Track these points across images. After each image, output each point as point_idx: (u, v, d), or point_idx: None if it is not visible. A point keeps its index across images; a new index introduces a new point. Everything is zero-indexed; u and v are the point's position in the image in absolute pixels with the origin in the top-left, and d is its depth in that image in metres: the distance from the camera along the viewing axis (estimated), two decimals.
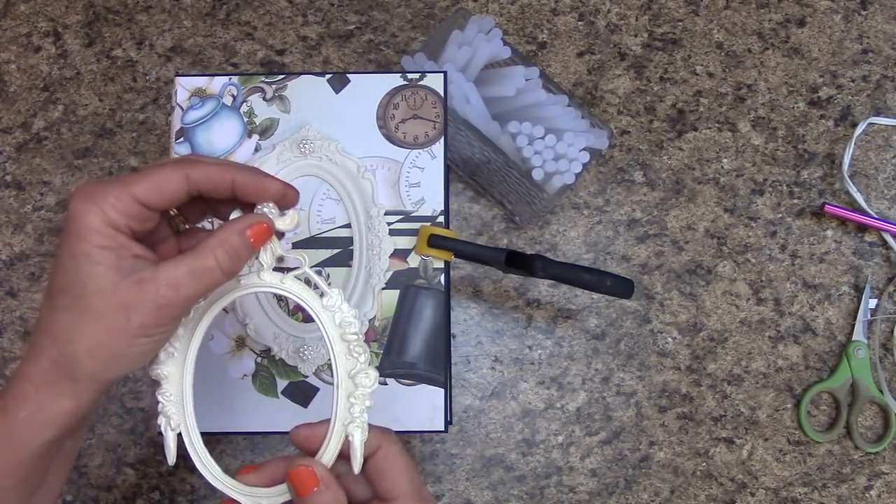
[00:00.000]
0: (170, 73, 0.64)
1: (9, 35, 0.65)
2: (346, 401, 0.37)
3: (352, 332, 0.38)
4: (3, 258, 0.61)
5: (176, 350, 0.38)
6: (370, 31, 0.65)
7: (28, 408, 0.34)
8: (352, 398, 0.37)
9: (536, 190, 0.56)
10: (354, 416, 0.37)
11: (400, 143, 0.51)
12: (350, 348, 0.38)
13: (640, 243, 0.62)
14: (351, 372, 0.37)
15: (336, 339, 0.38)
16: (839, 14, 0.66)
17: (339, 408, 0.37)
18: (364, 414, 0.37)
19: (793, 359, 0.61)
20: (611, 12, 0.66)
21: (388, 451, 0.37)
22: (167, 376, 0.38)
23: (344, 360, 0.38)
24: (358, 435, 0.37)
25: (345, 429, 0.37)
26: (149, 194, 0.34)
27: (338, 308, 0.38)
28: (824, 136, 0.64)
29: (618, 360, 0.61)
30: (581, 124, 0.57)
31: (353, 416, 0.37)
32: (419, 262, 0.50)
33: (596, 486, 0.59)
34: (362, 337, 0.38)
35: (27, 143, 0.63)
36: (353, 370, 0.37)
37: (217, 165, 0.36)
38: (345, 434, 0.37)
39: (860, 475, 0.60)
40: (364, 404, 0.37)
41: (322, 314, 0.38)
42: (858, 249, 0.62)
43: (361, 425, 0.37)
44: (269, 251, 0.38)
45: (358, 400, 0.37)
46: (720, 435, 0.60)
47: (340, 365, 0.38)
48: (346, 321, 0.38)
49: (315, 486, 0.35)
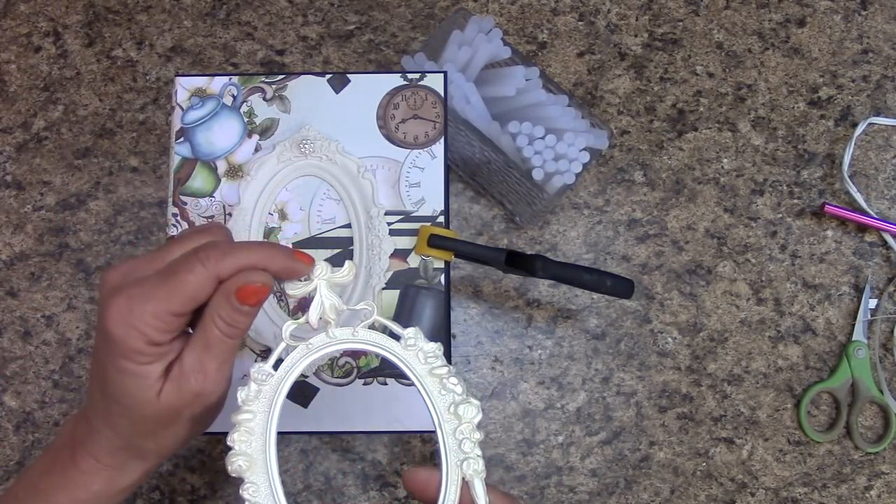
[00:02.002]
0: (170, 73, 0.64)
1: (9, 35, 0.65)
2: (453, 437, 0.35)
3: (440, 365, 0.36)
4: (3, 258, 0.61)
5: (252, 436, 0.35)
6: (370, 31, 0.65)
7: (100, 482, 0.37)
8: (458, 433, 0.35)
9: (536, 190, 0.56)
10: (467, 453, 0.35)
11: (400, 143, 0.51)
12: (443, 382, 0.36)
13: (640, 243, 0.62)
14: (450, 406, 0.35)
15: (425, 377, 0.36)
16: (839, 14, 0.66)
17: (449, 447, 0.35)
18: (477, 449, 0.35)
19: (793, 359, 0.61)
20: (611, 12, 0.66)
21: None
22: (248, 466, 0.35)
23: (438, 396, 0.36)
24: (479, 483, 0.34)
25: (459, 468, 0.35)
26: (185, 306, 0.34)
27: (416, 346, 0.36)
28: (824, 136, 0.64)
29: (618, 360, 0.61)
30: (581, 124, 0.57)
31: (465, 453, 0.35)
32: (419, 262, 0.50)
33: (596, 486, 0.59)
34: (453, 369, 0.36)
35: (27, 143, 0.63)
36: (453, 403, 0.35)
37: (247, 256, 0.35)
38: (460, 475, 0.35)
39: (860, 475, 0.60)
40: (473, 438, 0.35)
41: (405, 355, 0.36)
42: (858, 249, 0.62)
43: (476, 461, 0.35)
44: (331, 308, 0.37)
45: (466, 433, 0.35)
46: (720, 435, 0.60)
47: (437, 402, 0.36)
48: (431, 355, 0.36)
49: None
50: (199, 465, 0.59)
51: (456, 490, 0.34)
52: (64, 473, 0.37)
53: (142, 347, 0.34)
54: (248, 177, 0.50)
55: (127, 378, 0.35)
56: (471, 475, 0.35)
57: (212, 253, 0.35)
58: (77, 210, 0.62)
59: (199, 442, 0.59)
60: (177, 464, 0.59)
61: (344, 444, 0.59)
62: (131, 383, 0.35)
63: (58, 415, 0.59)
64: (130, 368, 0.34)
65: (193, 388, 0.35)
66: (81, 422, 0.38)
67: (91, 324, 0.60)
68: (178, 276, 0.34)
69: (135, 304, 0.34)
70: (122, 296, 0.34)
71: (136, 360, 0.34)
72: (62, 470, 0.37)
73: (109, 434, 0.36)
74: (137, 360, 0.34)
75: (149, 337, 0.34)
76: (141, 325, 0.34)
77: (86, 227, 0.62)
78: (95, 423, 0.37)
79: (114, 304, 0.34)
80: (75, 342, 0.60)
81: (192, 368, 0.35)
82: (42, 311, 0.60)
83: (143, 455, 0.37)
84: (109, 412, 0.36)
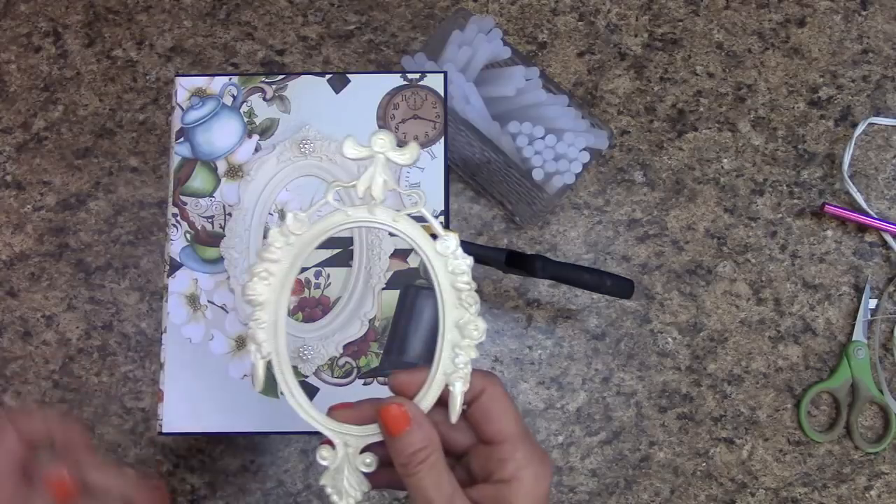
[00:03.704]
0: (170, 73, 0.64)
1: (9, 35, 0.65)
2: (450, 350, 0.35)
3: (464, 280, 0.35)
4: (3, 258, 0.61)
5: (273, 276, 0.36)
6: (370, 31, 0.65)
7: None
8: (457, 348, 0.35)
9: (536, 190, 0.56)
10: (458, 367, 0.35)
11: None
12: (461, 297, 0.35)
13: (640, 243, 0.62)
14: (459, 322, 0.35)
15: (446, 287, 0.36)
16: (839, 14, 0.66)
17: (443, 357, 0.35)
18: (468, 366, 0.35)
19: (793, 359, 0.61)
20: (611, 12, 0.66)
21: (493, 392, 0.36)
22: (262, 303, 0.36)
23: (452, 309, 0.36)
24: (459, 385, 0.35)
25: (446, 378, 0.35)
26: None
27: (451, 254, 0.36)
28: (824, 136, 0.64)
29: (618, 360, 0.61)
30: (581, 124, 0.57)
31: (456, 367, 0.35)
32: (419, 262, 0.50)
33: (596, 486, 0.59)
34: (474, 286, 0.36)
35: (27, 143, 0.63)
36: (462, 320, 0.35)
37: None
38: (444, 383, 0.35)
39: (860, 475, 0.60)
40: (469, 355, 0.35)
41: (434, 260, 0.36)
42: (858, 249, 0.62)
43: (464, 376, 0.35)
44: (381, 183, 0.36)
45: (464, 350, 0.35)
46: (720, 435, 0.60)
47: (448, 314, 0.36)
48: (460, 269, 0.35)
49: (407, 426, 0.34)
50: (199, 465, 0.59)
51: (436, 394, 0.35)
52: None
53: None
54: (248, 177, 0.51)
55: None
56: (453, 384, 0.35)
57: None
58: (77, 210, 0.62)
59: (199, 442, 0.59)
60: (177, 464, 0.59)
61: None
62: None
63: None
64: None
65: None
66: None
67: (91, 324, 0.60)
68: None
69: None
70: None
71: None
72: None
73: None
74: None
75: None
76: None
77: (86, 227, 0.62)
78: None
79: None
80: (75, 342, 0.60)
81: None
82: (42, 311, 0.60)
83: None
84: None
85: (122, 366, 0.60)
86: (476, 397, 0.36)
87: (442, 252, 0.36)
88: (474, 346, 0.35)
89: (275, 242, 0.36)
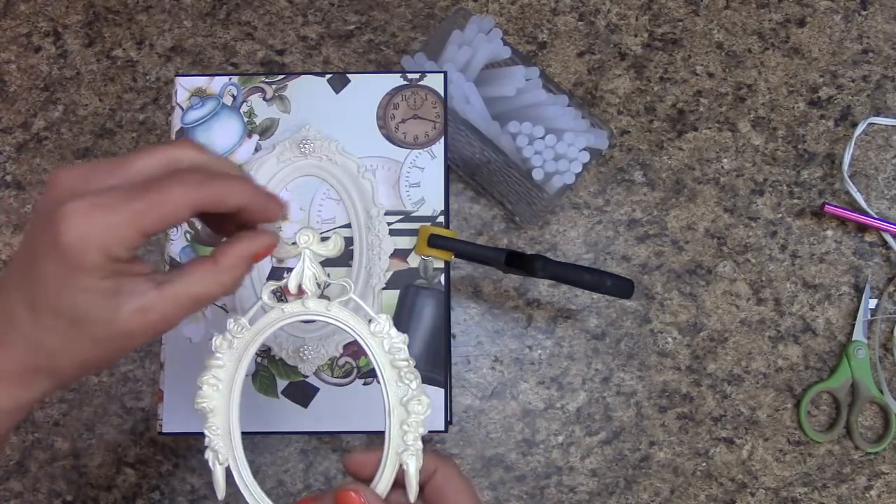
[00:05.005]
0: (170, 73, 0.64)
1: (9, 35, 0.65)
2: (398, 428, 0.36)
3: (402, 357, 0.36)
4: (3, 258, 0.61)
5: (220, 382, 0.37)
6: (370, 31, 0.65)
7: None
8: (405, 426, 0.36)
9: (536, 190, 0.56)
10: (408, 445, 0.36)
11: (400, 143, 0.51)
12: (401, 375, 0.36)
13: (640, 243, 0.62)
14: (403, 399, 0.36)
15: (386, 366, 0.37)
16: (839, 14, 0.66)
17: (393, 435, 0.36)
18: (418, 441, 0.36)
19: (793, 359, 0.61)
20: (611, 12, 0.66)
21: (446, 473, 0.37)
22: (213, 409, 0.37)
23: (395, 386, 0.37)
24: (413, 463, 0.36)
25: (399, 457, 0.36)
26: (156, 227, 0.31)
27: (386, 334, 0.37)
28: (824, 136, 0.64)
29: (618, 360, 0.61)
30: (581, 124, 0.57)
31: (406, 445, 0.36)
32: (419, 262, 0.50)
33: (596, 486, 0.59)
34: (413, 363, 0.37)
35: (27, 143, 0.63)
36: (406, 397, 0.36)
37: (227, 188, 0.33)
38: (398, 462, 0.36)
39: (860, 475, 0.60)
40: (417, 432, 0.36)
41: (370, 340, 0.37)
42: (858, 249, 0.62)
43: (416, 453, 0.36)
44: (312, 278, 0.37)
45: (411, 427, 0.36)
46: (720, 435, 0.60)
47: (391, 392, 0.37)
48: (396, 347, 0.36)
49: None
50: (199, 465, 0.59)
51: (391, 474, 0.36)
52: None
53: (100, 262, 0.30)
54: None
55: (77, 292, 0.31)
56: (407, 464, 0.36)
57: (192, 177, 0.32)
58: None
59: (199, 442, 0.59)
60: (177, 464, 0.59)
61: (344, 445, 0.59)
62: (82, 299, 0.31)
63: (58, 415, 0.59)
64: (84, 283, 0.31)
65: (158, 326, 0.33)
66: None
67: None
68: (153, 193, 0.31)
69: (99, 214, 0.30)
70: (83, 202, 0.30)
71: (92, 273, 0.31)
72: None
73: (24, 349, 0.32)
74: (94, 273, 0.31)
75: (110, 252, 0.31)
76: (105, 238, 0.30)
77: None
78: (10, 338, 0.32)
79: (72, 210, 0.30)
80: None
81: (167, 310, 0.33)
82: None
83: (58, 376, 0.33)
84: (38, 326, 0.32)
85: (121, 366, 0.60)
86: (429, 478, 0.37)
87: (376, 333, 0.37)
88: (422, 420, 0.36)
89: (219, 349, 0.37)
